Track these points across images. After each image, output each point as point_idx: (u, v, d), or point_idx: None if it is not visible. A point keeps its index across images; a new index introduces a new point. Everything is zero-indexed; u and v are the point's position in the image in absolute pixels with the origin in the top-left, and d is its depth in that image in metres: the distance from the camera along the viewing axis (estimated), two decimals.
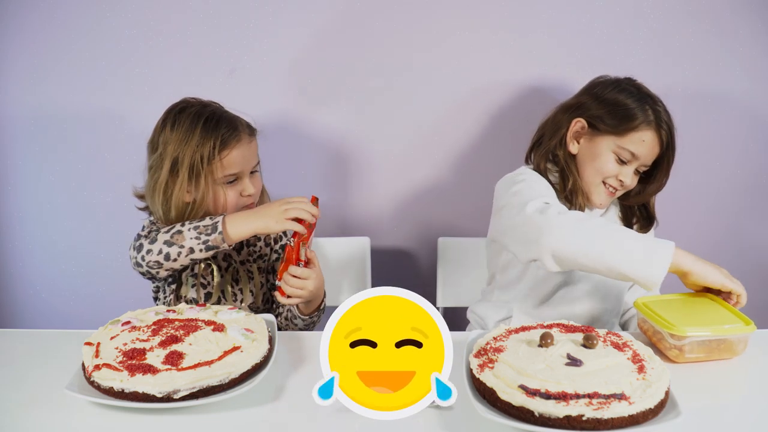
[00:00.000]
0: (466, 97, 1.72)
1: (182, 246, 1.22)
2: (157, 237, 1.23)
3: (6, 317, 1.87)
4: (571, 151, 1.39)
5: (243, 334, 1.05)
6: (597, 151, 1.35)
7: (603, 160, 1.34)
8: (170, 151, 1.28)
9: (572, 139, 1.39)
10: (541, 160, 1.40)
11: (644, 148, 1.32)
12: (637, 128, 1.31)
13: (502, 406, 0.89)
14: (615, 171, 1.34)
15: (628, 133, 1.32)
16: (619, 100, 1.34)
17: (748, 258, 1.81)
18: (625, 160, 1.34)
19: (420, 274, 1.85)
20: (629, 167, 1.35)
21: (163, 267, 1.24)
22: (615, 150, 1.34)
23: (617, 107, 1.33)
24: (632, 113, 1.32)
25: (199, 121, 1.29)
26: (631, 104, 1.32)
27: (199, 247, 1.22)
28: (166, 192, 1.29)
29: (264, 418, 0.95)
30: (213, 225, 1.22)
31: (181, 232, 1.22)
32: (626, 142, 1.32)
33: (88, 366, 0.98)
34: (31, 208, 1.80)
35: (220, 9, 1.67)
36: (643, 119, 1.31)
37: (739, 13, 1.65)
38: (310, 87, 1.72)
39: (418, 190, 1.79)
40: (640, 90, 1.35)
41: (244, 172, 1.34)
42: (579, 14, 1.66)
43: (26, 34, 1.68)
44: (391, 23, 1.67)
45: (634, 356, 0.97)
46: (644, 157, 1.33)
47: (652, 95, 1.35)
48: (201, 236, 1.22)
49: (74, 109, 1.73)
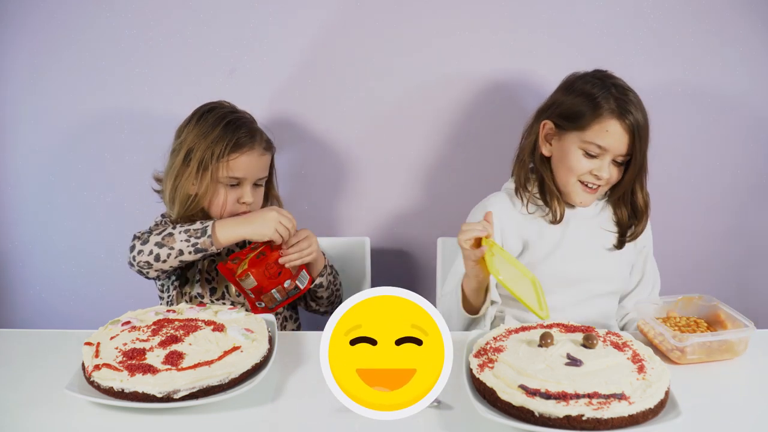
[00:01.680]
0: (466, 97, 1.72)
1: (172, 248, 1.26)
2: (149, 238, 1.28)
3: (6, 317, 1.87)
4: (544, 154, 1.37)
5: (243, 334, 1.05)
6: (565, 150, 1.32)
7: (571, 157, 1.31)
8: (188, 141, 1.35)
9: (544, 143, 1.37)
10: (521, 170, 1.40)
11: (610, 138, 1.27)
12: (599, 119, 1.27)
13: (502, 406, 0.89)
14: (586, 167, 1.31)
15: (590, 125, 1.28)
16: (579, 95, 1.31)
17: (750, 258, 1.81)
18: (593, 154, 1.29)
19: (420, 274, 1.85)
20: (601, 161, 1.29)
21: (153, 267, 1.28)
22: (581, 146, 1.30)
23: (577, 102, 1.30)
24: (591, 105, 1.28)
25: (222, 122, 1.36)
26: (590, 97, 1.29)
27: (188, 249, 1.26)
28: (176, 179, 1.35)
29: (264, 418, 0.95)
30: (203, 229, 1.27)
31: (172, 235, 1.27)
32: (590, 135, 1.28)
33: (88, 366, 0.98)
34: (31, 208, 1.80)
35: (220, 9, 1.67)
36: (603, 109, 1.27)
37: (739, 13, 1.65)
38: (310, 87, 1.72)
39: (418, 191, 1.79)
40: (603, 81, 1.31)
41: (247, 179, 1.37)
42: (579, 14, 1.66)
43: (26, 34, 1.68)
44: (392, 23, 1.67)
45: (634, 356, 0.97)
46: (614, 148, 1.28)
47: (619, 85, 1.30)
48: (191, 239, 1.26)
49: (74, 109, 1.73)
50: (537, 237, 1.36)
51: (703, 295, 1.22)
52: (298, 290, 1.37)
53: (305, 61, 1.70)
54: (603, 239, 1.38)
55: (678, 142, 1.73)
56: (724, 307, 1.17)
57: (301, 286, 1.37)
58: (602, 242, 1.38)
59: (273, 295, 1.35)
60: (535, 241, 1.36)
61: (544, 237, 1.36)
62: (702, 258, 1.81)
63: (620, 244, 1.37)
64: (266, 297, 1.34)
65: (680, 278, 1.78)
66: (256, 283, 1.31)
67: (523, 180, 1.39)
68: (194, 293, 1.39)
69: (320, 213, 1.80)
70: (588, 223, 1.38)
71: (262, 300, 1.35)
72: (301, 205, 1.79)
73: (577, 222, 1.37)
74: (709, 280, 1.81)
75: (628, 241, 1.38)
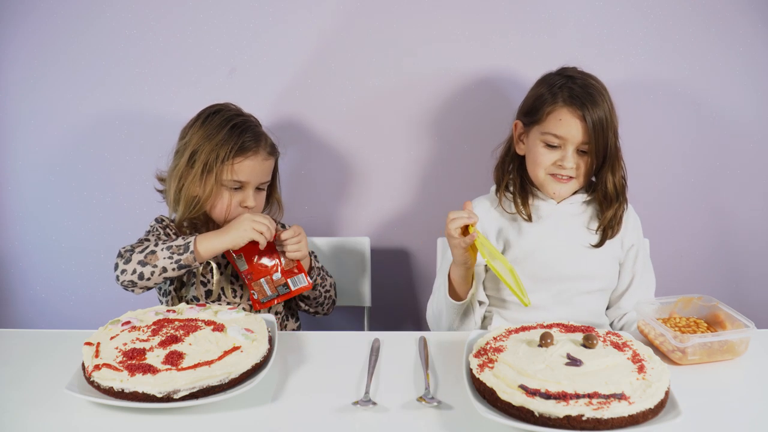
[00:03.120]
0: (467, 98, 1.72)
1: (155, 266, 1.26)
2: (132, 257, 1.28)
3: (6, 317, 1.87)
4: (519, 152, 1.41)
5: (243, 334, 1.05)
6: (530, 145, 1.37)
7: (535, 151, 1.35)
8: (194, 142, 1.36)
9: (518, 142, 1.42)
10: (498, 171, 1.44)
11: (565, 126, 1.30)
12: (552, 110, 1.31)
13: (502, 406, 0.89)
14: (549, 159, 1.34)
15: (546, 117, 1.32)
16: (539, 89, 1.35)
17: (750, 258, 1.81)
18: (553, 144, 1.33)
19: (420, 274, 1.84)
20: (563, 151, 1.33)
21: (138, 285, 1.28)
22: (541, 138, 1.34)
23: (536, 96, 1.35)
24: (546, 97, 1.33)
25: (228, 124, 1.37)
26: (547, 89, 1.33)
27: (171, 266, 1.27)
28: (180, 180, 1.36)
29: (264, 418, 0.95)
30: (185, 245, 1.28)
31: (154, 252, 1.27)
32: (546, 126, 1.32)
33: (88, 366, 0.98)
34: (31, 208, 1.80)
35: (220, 9, 1.67)
36: (557, 98, 1.31)
37: (739, 12, 1.65)
38: (310, 87, 1.72)
39: (418, 191, 1.79)
40: (562, 76, 1.35)
41: (250, 183, 1.38)
42: (580, 14, 1.66)
43: (26, 34, 1.68)
44: (392, 23, 1.67)
45: (634, 356, 0.97)
46: (571, 137, 1.31)
47: (577, 77, 1.33)
48: (173, 255, 1.27)
49: (74, 109, 1.73)
50: (517, 236, 1.38)
51: (703, 296, 1.22)
52: (289, 289, 1.38)
53: (305, 61, 1.70)
54: (585, 237, 1.38)
55: (678, 142, 1.73)
56: (724, 308, 1.17)
57: (292, 287, 1.39)
58: (584, 240, 1.38)
59: (262, 285, 1.37)
60: (516, 239, 1.38)
61: (523, 236, 1.38)
62: (702, 258, 1.81)
63: (601, 241, 1.37)
64: (257, 285, 1.37)
65: (680, 278, 1.78)
66: (246, 266, 1.36)
67: (501, 180, 1.43)
68: (190, 297, 1.40)
69: (320, 213, 1.81)
70: (570, 221, 1.39)
71: (254, 289, 1.37)
72: (301, 205, 1.79)
73: (558, 221, 1.38)
74: (708, 280, 1.81)
75: (609, 237, 1.37)
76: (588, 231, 1.38)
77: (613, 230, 1.37)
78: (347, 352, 1.14)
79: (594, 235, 1.38)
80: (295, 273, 1.39)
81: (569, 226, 1.38)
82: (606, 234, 1.37)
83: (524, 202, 1.38)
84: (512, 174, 1.42)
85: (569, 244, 1.37)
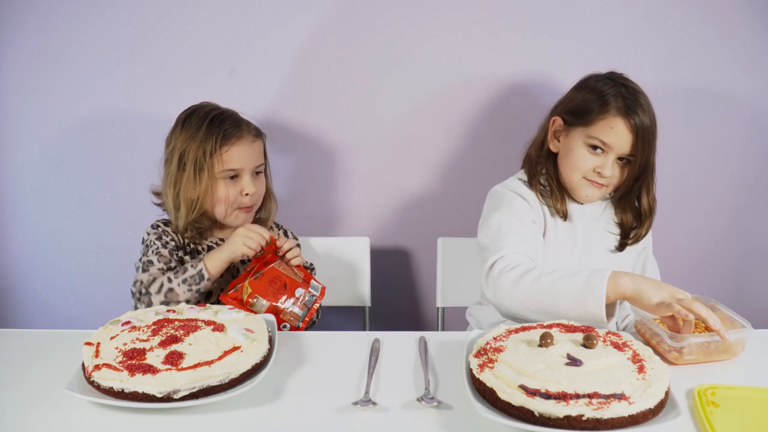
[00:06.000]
0: (466, 96, 1.72)
1: (178, 302, 1.30)
2: (152, 300, 1.30)
3: (6, 317, 1.87)
4: (552, 149, 1.40)
5: (243, 334, 1.05)
6: (571, 146, 1.35)
7: (576, 153, 1.33)
8: (179, 146, 1.37)
9: (553, 138, 1.40)
10: (530, 164, 1.42)
11: (614, 135, 1.29)
12: (605, 116, 1.29)
13: (502, 406, 0.89)
14: (590, 164, 1.32)
15: (596, 121, 1.30)
16: (590, 92, 1.33)
17: (749, 258, 1.81)
18: (597, 150, 1.32)
19: (420, 274, 1.85)
20: (605, 158, 1.32)
21: None
22: (585, 141, 1.32)
23: (587, 98, 1.33)
24: (599, 102, 1.31)
25: (205, 120, 1.38)
26: (599, 93, 1.31)
27: (194, 296, 1.31)
28: (175, 186, 1.37)
29: (264, 418, 0.95)
30: (198, 274, 1.31)
31: (172, 290, 1.30)
32: (595, 130, 1.31)
33: (88, 366, 0.98)
34: (31, 208, 1.80)
35: (220, 9, 1.67)
36: (610, 106, 1.29)
37: (740, 13, 1.65)
38: (310, 86, 1.72)
39: (418, 191, 1.79)
40: (614, 81, 1.33)
41: (244, 169, 1.38)
42: (579, 14, 1.66)
43: (26, 34, 1.68)
44: (391, 23, 1.68)
45: (634, 356, 0.97)
46: (617, 146, 1.30)
47: (630, 86, 1.32)
48: (192, 287, 1.30)
49: (74, 109, 1.73)
50: (552, 226, 1.38)
51: (700, 296, 1.21)
52: (315, 298, 1.36)
53: (305, 60, 1.70)
54: (606, 240, 1.39)
55: (678, 142, 1.73)
56: (722, 308, 1.17)
57: (315, 293, 1.36)
58: (605, 243, 1.39)
59: (291, 311, 1.32)
60: (551, 229, 1.37)
61: (556, 229, 1.38)
62: (701, 258, 1.81)
63: (621, 247, 1.39)
64: (285, 315, 1.32)
65: (679, 279, 1.77)
66: (267, 303, 1.31)
67: (534, 173, 1.40)
68: None
69: (320, 213, 1.81)
70: (592, 223, 1.39)
71: (284, 321, 1.32)
72: (301, 205, 1.79)
73: (583, 221, 1.39)
74: (708, 280, 1.81)
75: (630, 245, 1.39)
76: (607, 234, 1.40)
77: (636, 240, 1.39)
78: (347, 352, 1.14)
79: (612, 238, 1.40)
80: (307, 282, 1.37)
81: (593, 228, 1.39)
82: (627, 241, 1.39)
83: (562, 200, 1.38)
84: (545, 169, 1.40)
85: (595, 246, 1.39)
